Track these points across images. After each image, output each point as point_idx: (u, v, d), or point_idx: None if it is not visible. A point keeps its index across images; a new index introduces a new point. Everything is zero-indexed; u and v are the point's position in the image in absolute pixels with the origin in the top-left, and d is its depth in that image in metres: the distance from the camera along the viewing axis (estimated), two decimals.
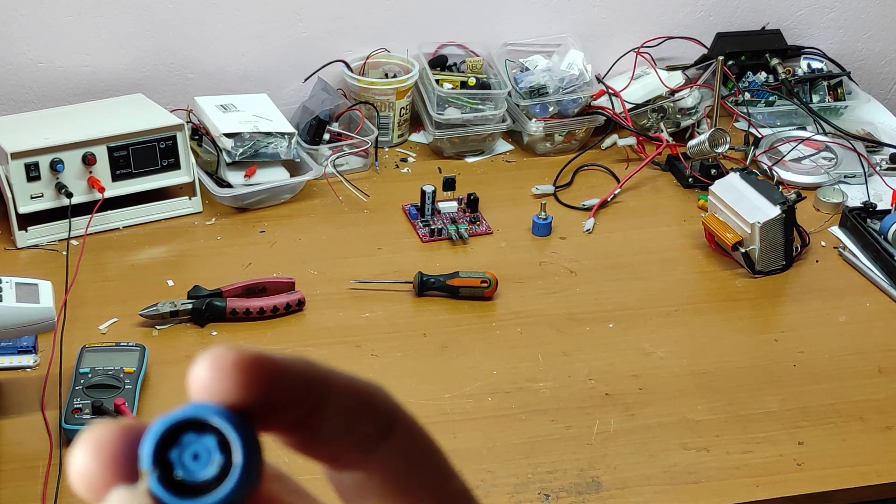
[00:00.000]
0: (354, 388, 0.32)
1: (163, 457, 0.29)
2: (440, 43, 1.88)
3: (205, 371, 0.29)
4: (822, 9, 2.04)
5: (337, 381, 0.31)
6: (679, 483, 1.18)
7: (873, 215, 1.61)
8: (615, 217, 1.67)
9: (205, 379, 0.29)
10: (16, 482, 1.15)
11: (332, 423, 0.31)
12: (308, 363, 0.31)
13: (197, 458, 0.29)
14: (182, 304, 1.38)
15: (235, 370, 0.29)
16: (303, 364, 0.31)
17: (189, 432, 0.29)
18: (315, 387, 0.31)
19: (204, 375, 0.29)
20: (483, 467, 1.19)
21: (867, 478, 1.20)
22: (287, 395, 0.30)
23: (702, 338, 1.41)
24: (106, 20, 1.74)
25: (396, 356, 1.36)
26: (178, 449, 0.29)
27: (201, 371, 0.29)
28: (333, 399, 0.31)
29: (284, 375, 0.30)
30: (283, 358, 0.30)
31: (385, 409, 0.32)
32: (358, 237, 1.59)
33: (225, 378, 0.29)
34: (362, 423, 0.32)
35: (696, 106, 1.87)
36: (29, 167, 1.49)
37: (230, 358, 0.29)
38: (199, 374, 0.29)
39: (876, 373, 1.36)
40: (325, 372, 0.31)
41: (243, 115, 1.67)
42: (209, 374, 0.29)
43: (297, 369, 0.30)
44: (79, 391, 1.20)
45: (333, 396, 0.31)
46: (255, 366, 0.29)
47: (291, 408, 0.30)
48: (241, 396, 0.29)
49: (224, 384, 0.29)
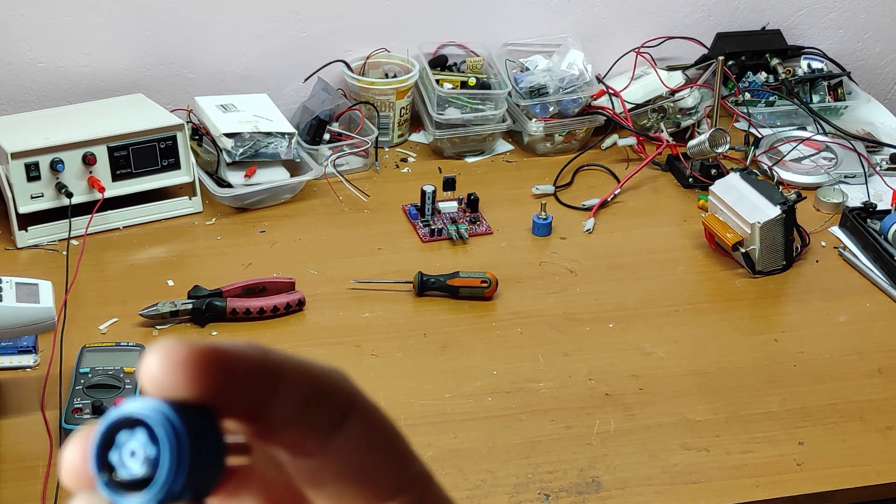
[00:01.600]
0: (310, 376, 0.32)
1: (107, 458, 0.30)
2: (440, 43, 1.88)
3: (155, 365, 0.30)
4: (822, 9, 2.04)
5: (292, 369, 0.31)
6: (679, 483, 1.18)
7: (873, 215, 1.61)
8: (615, 217, 1.67)
9: (154, 373, 0.30)
10: (16, 482, 1.15)
11: (285, 411, 0.31)
12: (262, 351, 0.31)
13: (134, 455, 0.29)
14: (182, 304, 1.38)
15: (185, 364, 0.29)
16: (256, 353, 0.31)
17: (123, 430, 0.30)
18: (269, 376, 0.31)
19: (154, 370, 0.30)
20: (483, 467, 1.19)
21: (867, 478, 1.20)
22: (239, 385, 0.30)
23: (702, 338, 1.41)
24: (106, 20, 1.74)
25: (396, 356, 1.35)
26: (117, 449, 0.30)
27: (151, 365, 0.30)
28: (287, 388, 0.31)
29: (236, 366, 0.30)
30: (236, 348, 0.30)
31: (342, 396, 0.33)
32: (358, 237, 1.59)
33: (174, 373, 0.29)
34: (317, 411, 0.32)
35: (697, 106, 1.87)
36: (29, 167, 1.49)
37: (180, 352, 0.30)
38: (149, 368, 0.30)
39: (876, 373, 1.36)
40: (280, 360, 0.31)
41: (243, 115, 1.67)
42: (159, 369, 0.30)
43: (250, 359, 0.31)
44: (79, 391, 1.20)
45: (287, 385, 0.31)
46: (205, 359, 0.30)
47: (243, 398, 0.30)
48: (191, 390, 0.30)
49: (173, 379, 0.29)
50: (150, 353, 0.30)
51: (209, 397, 0.30)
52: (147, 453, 0.29)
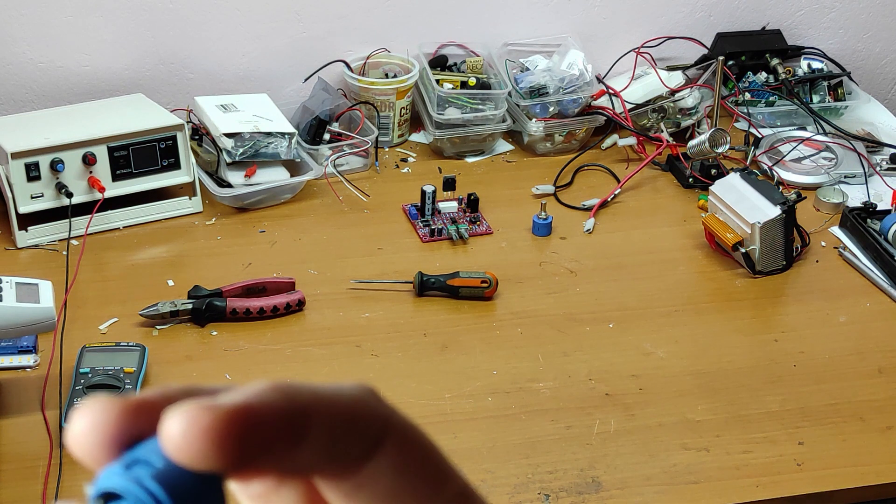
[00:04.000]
0: (339, 408, 0.30)
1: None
2: (440, 43, 1.88)
3: (177, 433, 0.28)
4: (822, 9, 2.04)
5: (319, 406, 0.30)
6: (679, 483, 1.18)
7: (873, 215, 1.61)
8: (615, 217, 1.67)
9: (178, 441, 0.28)
10: (16, 482, 1.15)
11: (314, 453, 0.30)
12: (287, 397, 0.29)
13: None
14: (182, 304, 1.38)
15: (210, 433, 0.28)
16: (281, 401, 0.29)
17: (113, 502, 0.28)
18: (295, 423, 0.29)
19: (177, 438, 0.28)
20: (483, 467, 1.19)
21: (867, 478, 1.20)
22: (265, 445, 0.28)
23: (702, 338, 1.41)
24: (106, 20, 1.74)
25: (396, 356, 1.35)
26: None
27: (175, 432, 0.28)
28: (315, 427, 0.29)
29: (263, 426, 0.28)
30: (261, 402, 0.29)
31: (373, 421, 0.31)
32: (358, 237, 1.59)
33: (199, 443, 0.28)
34: (347, 443, 0.30)
35: (697, 106, 1.87)
36: (29, 167, 1.49)
37: (205, 420, 0.28)
38: (173, 434, 0.28)
39: (876, 373, 1.36)
40: (306, 400, 0.30)
41: (243, 115, 1.67)
42: (183, 438, 0.28)
43: (276, 411, 0.29)
44: (79, 391, 1.20)
45: (315, 424, 0.29)
46: (231, 424, 0.28)
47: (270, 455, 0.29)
48: (216, 461, 0.28)
49: (198, 449, 0.28)
50: (173, 417, 0.28)
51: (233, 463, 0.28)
52: None
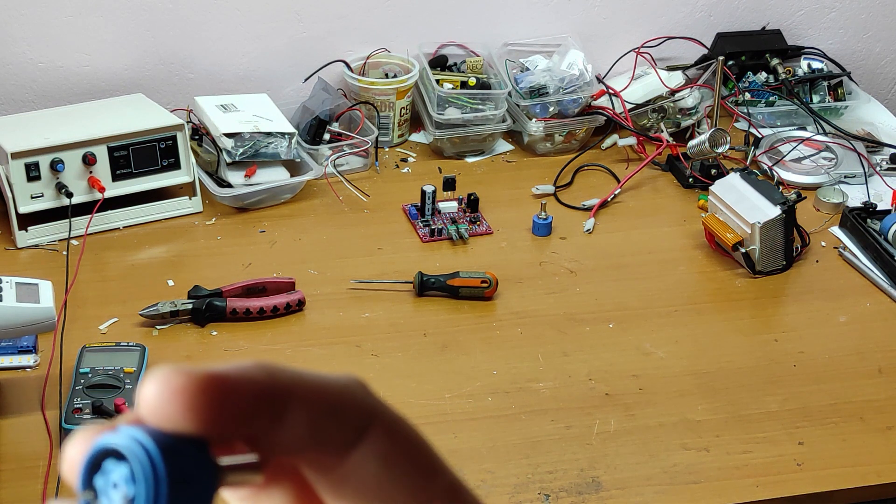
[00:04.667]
0: (323, 394, 0.31)
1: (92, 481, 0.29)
2: (440, 43, 1.88)
3: (152, 395, 0.28)
4: (822, 9, 2.04)
5: (303, 390, 0.30)
6: (679, 483, 1.18)
7: (873, 215, 1.61)
8: (615, 217, 1.67)
9: (152, 403, 0.28)
10: (16, 482, 1.15)
11: (296, 433, 0.30)
12: (269, 373, 0.30)
13: (116, 487, 0.29)
14: (182, 304, 1.38)
15: (183, 394, 0.28)
16: (262, 376, 0.29)
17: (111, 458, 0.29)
18: (275, 400, 0.29)
19: (151, 399, 0.28)
20: (483, 467, 1.19)
21: (867, 478, 1.20)
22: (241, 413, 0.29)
23: (702, 338, 1.41)
24: (106, 20, 1.74)
25: (396, 356, 1.35)
26: (102, 475, 0.29)
27: (148, 394, 0.28)
28: (297, 410, 0.30)
29: (238, 394, 0.29)
30: (239, 373, 0.29)
31: (358, 411, 0.32)
32: (358, 237, 1.59)
33: (172, 403, 0.28)
34: (330, 430, 0.31)
35: (697, 106, 1.87)
36: (29, 167, 1.49)
37: (178, 381, 0.28)
38: (147, 397, 0.29)
39: (876, 373, 1.36)
40: (290, 381, 0.30)
41: (243, 115, 1.67)
42: (156, 399, 0.28)
43: (254, 384, 0.29)
44: (79, 391, 1.20)
45: (297, 407, 0.30)
46: (204, 388, 0.28)
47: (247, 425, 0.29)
48: (189, 422, 0.28)
49: (171, 410, 0.28)
50: (148, 381, 0.29)
51: (209, 428, 0.29)
52: (126, 492, 0.28)
